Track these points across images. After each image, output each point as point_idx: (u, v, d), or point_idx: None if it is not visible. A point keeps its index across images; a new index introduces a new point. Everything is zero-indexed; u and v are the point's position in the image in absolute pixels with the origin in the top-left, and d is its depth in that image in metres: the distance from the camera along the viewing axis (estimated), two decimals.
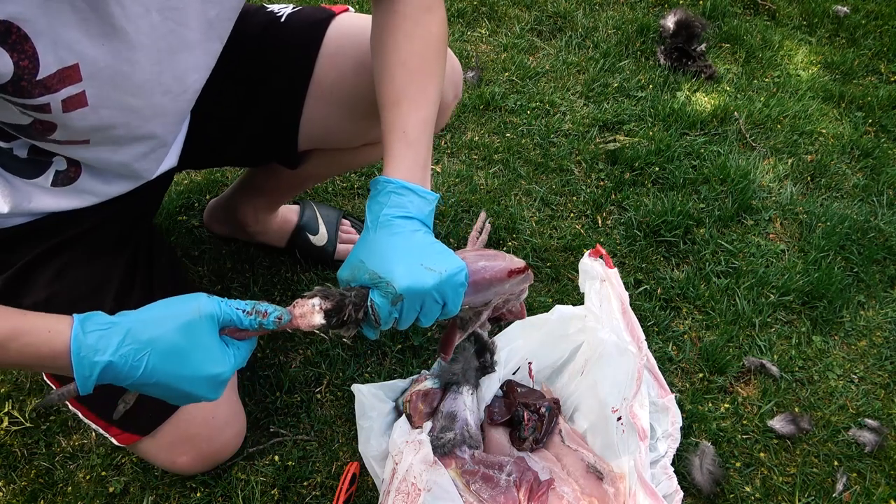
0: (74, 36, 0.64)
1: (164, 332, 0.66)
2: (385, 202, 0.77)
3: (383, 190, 0.78)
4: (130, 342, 0.65)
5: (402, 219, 0.77)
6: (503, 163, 1.65)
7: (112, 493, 1.07)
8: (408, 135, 0.82)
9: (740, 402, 1.25)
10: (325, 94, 1.03)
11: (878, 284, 1.48)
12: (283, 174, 1.20)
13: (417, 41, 0.86)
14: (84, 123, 0.72)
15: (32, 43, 0.61)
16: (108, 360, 0.64)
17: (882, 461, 1.19)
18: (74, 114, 0.70)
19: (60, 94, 0.66)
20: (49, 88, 0.65)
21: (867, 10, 2.26)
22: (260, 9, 1.05)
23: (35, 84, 0.64)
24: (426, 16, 0.87)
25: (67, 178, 0.85)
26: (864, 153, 1.77)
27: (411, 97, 0.84)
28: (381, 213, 0.77)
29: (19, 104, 0.67)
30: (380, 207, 0.77)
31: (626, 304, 1.16)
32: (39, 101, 0.66)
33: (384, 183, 0.79)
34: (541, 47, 2.00)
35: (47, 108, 0.68)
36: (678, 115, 1.79)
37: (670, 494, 1.05)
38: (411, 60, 0.85)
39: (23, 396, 1.18)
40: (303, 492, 1.09)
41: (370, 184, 0.81)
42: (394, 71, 0.85)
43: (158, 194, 1.09)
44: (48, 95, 0.66)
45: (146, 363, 0.65)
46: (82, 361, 0.64)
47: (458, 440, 1.02)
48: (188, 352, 0.67)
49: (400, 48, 0.85)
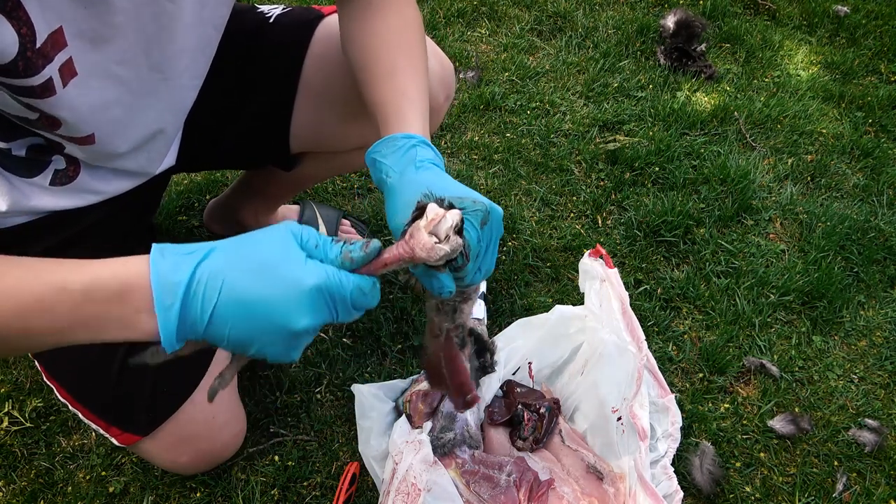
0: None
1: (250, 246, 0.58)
2: (414, 155, 0.71)
3: (405, 145, 0.72)
4: (214, 260, 0.56)
5: (438, 167, 0.72)
6: (503, 163, 1.64)
7: (112, 493, 1.07)
8: (411, 98, 0.79)
9: (740, 402, 1.25)
10: (315, 95, 1.03)
11: (878, 284, 1.47)
12: (279, 175, 1.20)
13: (394, 20, 0.85)
14: (82, 101, 0.71)
15: (25, 9, 0.60)
16: (189, 277, 0.55)
17: (882, 461, 1.19)
18: (71, 88, 0.69)
19: (55, 62, 0.65)
20: (47, 57, 0.64)
21: (867, 9, 2.26)
22: (250, 9, 1.05)
23: (37, 54, 0.63)
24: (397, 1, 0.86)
25: (66, 178, 0.85)
26: (864, 153, 1.77)
27: (404, 67, 0.82)
28: (416, 158, 0.71)
29: (27, 88, 0.66)
30: (411, 155, 0.71)
31: (626, 304, 1.16)
32: (43, 75, 0.65)
33: (404, 139, 0.72)
34: (541, 47, 2.00)
35: (51, 87, 0.67)
36: (678, 115, 1.79)
37: (670, 494, 1.05)
38: (393, 38, 0.84)
39: (23, 396, 1.18)
40: (303, 492, 1.09)
41: (379, 143, 0.73)
42: (378, 51, 0.83)
43: (157, 194, 1.09)
44: (48, 67, 0.65)
45: (222, 289, 0.55)
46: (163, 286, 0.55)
47: (458, 440, 1.02)
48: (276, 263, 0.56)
49: (378, 31, 0.84)
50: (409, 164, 0.70)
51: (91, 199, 0.90)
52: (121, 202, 0.94)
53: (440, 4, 2.09)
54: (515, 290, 1.38)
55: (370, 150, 0.75)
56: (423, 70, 0.84)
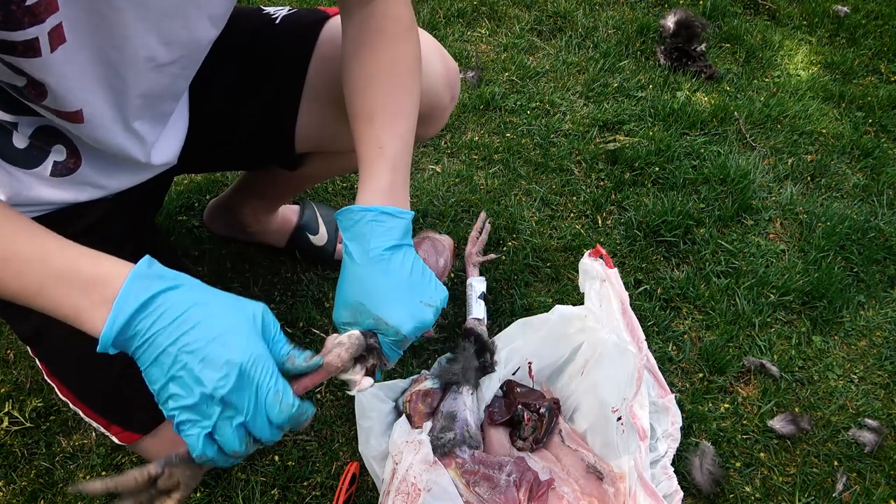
0: None
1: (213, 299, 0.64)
2: (370, 233, 0.76)
3: (361, 220, 0.77)
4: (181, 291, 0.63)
5: (392, 250, 0.76)
6: (503, 163, 1.65)
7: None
8: (384, 151, 0.81)
9: (740, 402, 1.25)
10: (320, 96, 1.03)
11: (878, 284, 1.48)
12: (282, 175, 1.20)
13: (387, 56, 0.85)
14: (68, 70, 0.70)
15: None
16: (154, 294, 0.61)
17: (882, 461, 1.19)
18: (59, 54, 0.68)
19: (46, 25, 0.64)
20: (37, 17, 0.63)
21: (867, 9, 2.27)
22: (255, 11, 1.05)
23: (24, 10, 0.62)
24: (396, 29, 0.86)
25: (67, 169, 0.85)
26: (864, 153, 1.77)
27: (385, 111, 0.83)
28: (369, 245, 0.75)
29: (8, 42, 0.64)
30: (366, 239, 0.76)
31: (626, 304, 1.16)
32: (29, 32, 0.63)
33: (360, 213, 0.77)
34: (541, 47, 2.00)
35: (36, 46, 0.65)
36: (678, 115, 1.79)
37: (670, 494, 1.05)
38: (381, 75, 0.84)
39: (23, 396, 1.18)
40: (303, 492, 1.09)
41: (340, 213, 0.78)
42: (363, 85, 0.84)
43: (159, 193, 1.09)
44: (37, 26, 0.64)
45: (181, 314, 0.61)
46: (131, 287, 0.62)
47: (458, 440, 1.02)
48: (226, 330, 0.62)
49: (369, 64, 0.84)
50: (364, 251, 0.76)
51: (92, 194, 0.90)
52: (122, 201, 0.94)
53: (440, 4, 2.09)
54: (515, 290, 1.38)
55: (336, 213, 0.80)
56: (407, 110, 0.85)
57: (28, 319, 0.92)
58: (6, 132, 0.79)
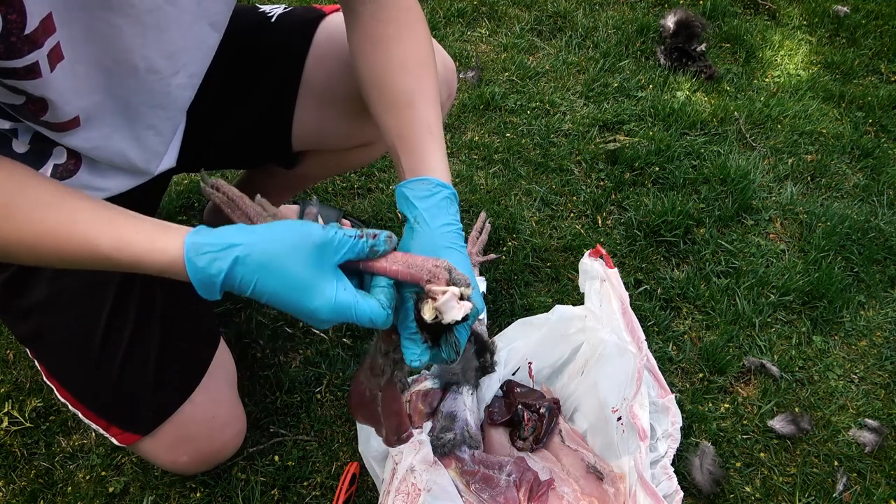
0: None
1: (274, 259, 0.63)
2: (445, 208, 0.77)
3: (438, 193, 0.77)
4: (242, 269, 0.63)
5: (458, 234, 0.77)
6: (503, 163, 1.64)
7: (112, 493, 1.07)
8: (433, 132, 0.82)
9: (740, 402, 1.25)
10: (316, 94, 1.03)
11: (878, 284, 1.48)
12: (280, 174, 1.20)
13: (410, 44, 0.86)
14: (68, 85, 0.71)
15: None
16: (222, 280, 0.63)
17: (882, 461, 1.19)
18: (58, 72, 0.68)
19: (45, 49, 0.65)
20: (36, 43, 0.63)
21: (867, 9, 2.26)
22: (252, 9, 1.05)
23: (24, 40, 0.62)
24: (409, 17, 0.87)
25: (67, 172, 0.85)
26: (864, 153, 1.77)
27: (422, 96, 0.84)
28: (443, 220, 0.76)
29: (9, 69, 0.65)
30: (441, 213, 0.76)
31: (627, 304, 1.16)
32: (28, 59, 0.64)
33: (439, 187, 0.78)
34: (541, 47, 2.00)
35: (36, 70, 0.66)
36: (678, 115, 1.79)
37: (670, 494, 1.05)
38: (409, 62, 0.85)
39: (23, 396, 1.18)
40: (303, 492, 1.09)
41: (413, 182, 0.77)
42: (395, 75, 0.84)
43: (157, 194, 1.09)
44: (36, 52, 0.64)
45: (255, 286, 0.63)
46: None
47: (458, 440, 1.02)
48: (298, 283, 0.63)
49: (394, 54, 0.85)
50: (437, 216, 0.75)
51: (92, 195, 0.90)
52: (121, 200, 0.94)
53: (440, 4, 2.09)
54: (515, 290, 1.38)
55: (402, 184, 0.79)
56: (437, 96, 0.86)
57: (27, 320, 0.92)
58: (6, 139, 0.79)
